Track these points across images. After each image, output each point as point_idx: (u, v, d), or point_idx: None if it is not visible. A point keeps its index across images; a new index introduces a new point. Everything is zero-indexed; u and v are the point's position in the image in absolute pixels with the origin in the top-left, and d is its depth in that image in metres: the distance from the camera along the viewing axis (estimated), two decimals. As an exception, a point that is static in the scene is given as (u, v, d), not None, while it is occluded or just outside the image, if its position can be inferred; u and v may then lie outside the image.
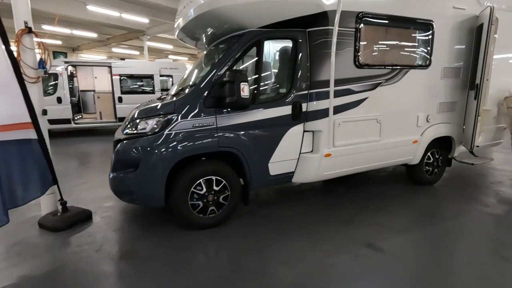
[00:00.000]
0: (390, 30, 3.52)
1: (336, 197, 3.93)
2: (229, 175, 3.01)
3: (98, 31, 13.30)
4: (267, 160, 3.17)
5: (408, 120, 3.88)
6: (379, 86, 3.53)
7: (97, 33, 13.67)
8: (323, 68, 3.17)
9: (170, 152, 2.72)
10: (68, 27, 12.13)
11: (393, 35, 3.56)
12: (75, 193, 4.12)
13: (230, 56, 2.89)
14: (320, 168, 3.38)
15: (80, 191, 4.24)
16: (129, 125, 2.96)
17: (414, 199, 3.92)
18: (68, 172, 5.20)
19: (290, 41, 3.16)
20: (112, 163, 2.94)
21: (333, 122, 3.30)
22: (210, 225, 3.02)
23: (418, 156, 4.09)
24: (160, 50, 17.78)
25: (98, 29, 12.95)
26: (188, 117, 2.77)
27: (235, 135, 2.95)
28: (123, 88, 9.59)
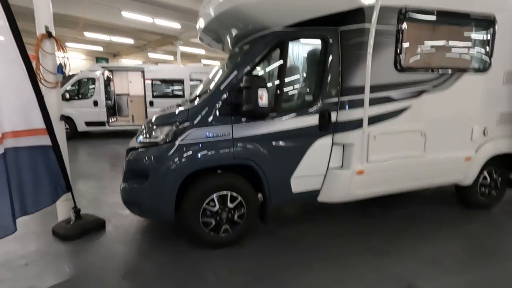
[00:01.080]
0: (439, 27, 2.99)
1: (368, 218, 3.45)
2: (245, 190, 2.70)
3: (135, 37, 13.87)
4: (289, 175, 2.82)
5: (459, 133, 3.29)
6: (424, 93, 3.01)
7: (133, 39, 14.27)
8: (357, 72, 2.76)
9: (181, 164, 2.48)
10: (107, 33, 12.79)
11: (443, 34, 3.02)
12: (97, 197, 4.10)
13: (249, 60, 2.60)
14: (351, 187, 2.94)
15: (102, 195, 4.22)
16: (142, 132, 2.80)
17: (466, 227, 3.29)
18: (96, 174, 5.28)
19: (318, 41, 2.79)
20: (123, 172, 2.79)
21: (368, 134, 2.86)
22: (223, 244, 2.73)
23: (472, 176, 3.46)
24: (193, 55, 18.15)
25: (135, 35, 13.50)
26: (202, 126, 2.52)
27: (252, 146, 2.64)
28: (155, 92, 9.79)
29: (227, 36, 3.57)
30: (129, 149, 2.78)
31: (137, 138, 2.85)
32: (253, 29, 2.91)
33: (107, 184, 4.79)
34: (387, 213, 3.60)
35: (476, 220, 3.45)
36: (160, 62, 18.17)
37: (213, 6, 2.83)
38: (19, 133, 2.45)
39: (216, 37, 3.75)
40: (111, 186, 4.67)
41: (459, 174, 3.41)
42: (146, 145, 2.66)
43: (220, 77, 3.14)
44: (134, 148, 2.74)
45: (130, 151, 2.76)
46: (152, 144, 2.62)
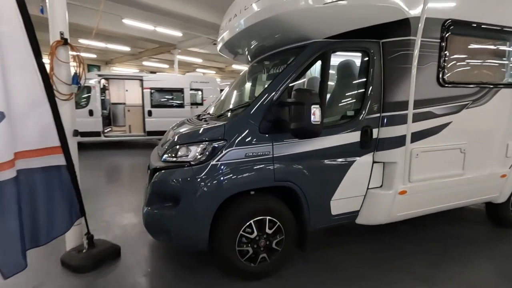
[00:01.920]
0: (480, 41, 2.89)
1: (402, 239, 3.25)
2: (284, 214, 2.46)
3: (132, 44, 13.54)
4: (329, 196, 2.60)
5: (496, 149, 3.17)
6: (464, 108, 2.88)
7: (130, 47, 13.94)
8: (400, 87, 2.60)
9: (218, 186, 2.23)
10: (104, 41, 12.43)
11: (483, 48, 2.93)
12: (103, 218, 3.75)
13: (292, 72, 2.40)
14: (393, 208, 2.75)
15: (108, 216, 3.87)
16: (168, 151, 2.52)
17: (503, 247, 3.14)
18: (96, 191, 4.89)
19: (360, 54, 2.63)
20: (147, 195, 2.50)
21: (410, 151, 2.69)
22: (259, 275, 2.46)
23: (506, 193, 3.35)
24: (188, 63, 17.92)
25: (132, 43, 13.18)
26: (241, 145, 2.28)
27: (294, 166, 2.42)
28: (153, 102, 9.45)
29: (247, 48, 3.38)
30: (154, 169, 2.50)
31: (161, 155, 2.57)
32: (285, 40, 2.72)
33: (111, 201, 4.44)
34: (419, 233, 3.42)
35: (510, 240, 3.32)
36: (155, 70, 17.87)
37: (245, 16, 2.64)
38: (32, 153, 2.14)
39: (235, 48, 3.56)
40: (116, 204, 4.34)
41: (494, 192, 3.29)
42: (176, 165, 2.39)
43: (254, 90, 2.94)
44: (160, 168, 2.46)
45: (154, 172, 2.48)
46: (183, 164, 2.35)
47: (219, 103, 3.66)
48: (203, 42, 11.57)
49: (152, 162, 2.71)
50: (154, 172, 2.47)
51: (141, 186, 5.26)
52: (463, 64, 2.85)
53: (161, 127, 9.52)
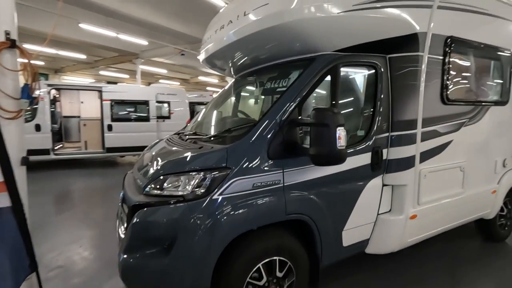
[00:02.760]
0: (477, 60, 2.91)
1: (407, 263, 3.08)
2: (296, 252, 2.10)
3: (88, 52, 12.35)
4: (342, 226, 2.31)
5: (487, 166, 3.20)
6: (463, 126, 2.85)
7: (86, 54, 12.69)
8: (408, 104, 2.45)
9: (223, 227, 1.81)
10: (55, 47, 11.13)
11: (480, 67, 2.96)
12: (57, 262, 3.02)
13: (301, 88, 2.10)
14: (404, 234, 2.55)
15: (64, 259, 3.14)
16: (152, 181, 2.03)
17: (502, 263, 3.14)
18: (44, 224, 4.04)
19: (367, 69, 2.44)
20: (125, 239, 1.97)
21: (419, 173, 2.53)
22: (270, 329, 2.05)
23: (496, 208, 3.39)
24: (151, 74, 16.97)
25: (88, 50, 12.01)
26: (248, 174, 1.90)
27: (306, 196, 2.09)
28: (114, 115, 8.56)
29: (234, 60, 3.05)
30: (135, 206, 1.98)
31: (144, 187, 2.06)
32: (288, 51, 2.44)
33: (66, 238, 3.66)
34: (420, 254, 3.28)
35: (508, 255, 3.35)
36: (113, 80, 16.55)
37: (240, 26, 2.30)
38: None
39: (224, 61, 3.20)
40: (73, 241, 3.58)
41: (487, 208, 3.30)
42: (164, 200, 1.91)
43: (254, 107, 2.59)
44: (143, 204, 1.95)
45: (135, 209, 1.96)
46: (174, 199, 1.88)
47: (203, 120, 3.24)
48: (170, 52, 10.94)
49: (130, 195, 2.18)
50: (135, 210, 1.95)
51: (103, 215, 4.51)
52: (462, 82, 2.83)
53: (123, 142, 8.65)
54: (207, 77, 18.61)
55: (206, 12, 7.87)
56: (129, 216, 1.99)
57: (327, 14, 2.04)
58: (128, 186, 2.41)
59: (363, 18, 2.12)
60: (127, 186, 2.43)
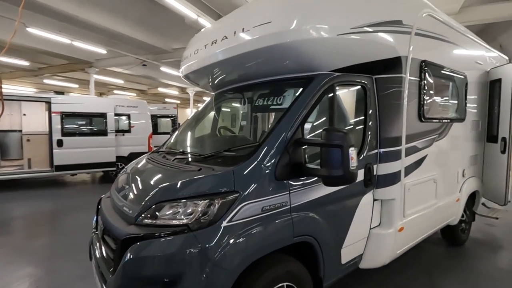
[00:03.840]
0: (441, 82, 3.22)
1: (391, 277, 3.19)
2: (301, 276, 2.03)
3: (32, 58, 11.00)
4: (341, 244, 2.31)
5: (452, 176, 3.52)
6: (434, 141, 3.11)
7: (29, 61, 11.27)
8: (394, 122, 2.60)
9: (235, 256, 1.66)
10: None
11: (443, 88, 3.28)
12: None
13: (303, 106, 2.08)
14: (395, 247, 2.65)
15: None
16: (144, 210, 1.80)
17: (476, 268, 3.47)
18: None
19: (358, 89, 2.54)
20: (115, 280, 1.69)
21: (404, 186, 2.68)
22: None
23: (459, 215, 3.73)
24: (104, 84, 15.78)
25: (32, 56, 10.70)
26: (257, 197, 1.79)
27: (311, 216, 2.05)
28: (65, 129, 7.69)
29: (211, 77, 2.98)
30: (126, 240, 1.73)
31: (136, 217, 1.82)
32: (282, 69, 2.43)
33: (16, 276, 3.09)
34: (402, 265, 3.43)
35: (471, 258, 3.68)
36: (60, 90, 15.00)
37: (239, 42, 2.24)
38: None
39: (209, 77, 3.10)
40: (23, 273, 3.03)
41: (453, 215, 3.61)
42: (164, 231, 1.70)
43: (228, 123, 2.50)
44: (136, 237, 1.71)
45: (127, 243, 1.71)
46: (175, 229, 1.69)
47: (185, 138, 3.06)
48: (130, 62, 10.28)
49: (117, 225, 1.91)
50: (126, 244, 1.71)
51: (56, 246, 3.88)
52: (433, 101, 3.10)
53: (75, 159, 7.79)
54: (167, 89, 17.96)
55: (173, 22, 7.62)
56: (119, 252, 1.73)
57: (328, 35, 2.08)
58: (108, 214, 2.12)
59: (358, 41, 2.21)
60: (107, 214, 2.13)
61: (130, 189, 2.16)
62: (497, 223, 4.99)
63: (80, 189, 7.67)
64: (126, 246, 1.70)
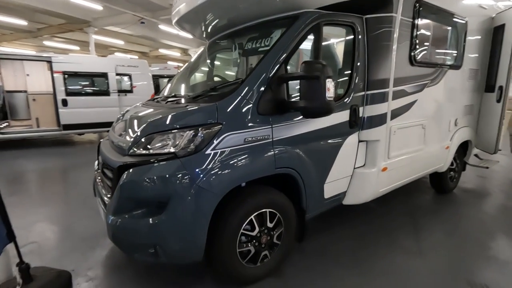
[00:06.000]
0: (437, 25, 3.13)
1: (377, 217, 3.40)
2: (284, 205, 2.22)
3: (29, 18, 10.76)
4: (324, 180, 2.47)
5: (443, 124, 3.56)
6: (426, 87, 3.11)
7: (27, 21, 11.06)
8: (382, 64, 2.60)
9: (218, 180, 1.83)
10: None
11: (439, 32, 3.19)
12: (30, 239, 2.84)
13: (287, 44, 2.11)
14: (377, 185, 2.81)
15: (36, 235, 2.96)
16: (138, 141, 1.96)
17: (458, 211, 3.64)
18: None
19: (346, 29, 2.51)
20: (113, 201, 1.91)
21: (390, 129, 2.76)
22: (262, 276, 2.19)
23: (448, 163, 3.84)
24: (105, 45, 15.52)
25: (29, 16, 10.47)
26: (239, 129, 1.92)
27: (293, 151, 2.18)
28: (69, 89, 7.81)
29: (208, 22, 2.94)
30: (121, 167, 1.91)
31: (128, 149, 1.99)
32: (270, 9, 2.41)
33: (33, 218, 3.41)
34: (386, 208, 3.64)
35: (456, 203, 3.86)
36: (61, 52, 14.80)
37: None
38: None
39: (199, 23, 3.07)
40: (41, 219, 3.36)
41: (441, 162, 3.72)
42: (153, 159, 1.86)
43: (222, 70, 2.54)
44: (129, 164, 1.89)
45: (121, 170, 1.90)
46: (164, 156, 1.85)
47: (179, 86, 3.13)
48: (127, 21, 9.99)
49: (111, 157, 2.09)
50: (121, 171, 1.89)
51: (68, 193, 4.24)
52: (427, 45, 3.05)
53: (81, 119, 8.00)
54: (169, 50, 17.57)
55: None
56: (115, 178, 1.92)
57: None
58: (107, 151, 2.30)
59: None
60: (104, 151, 2.31)
61: (125, 127, 2.31)
62: (489, 175, 5.12)
63: (87, 148, 7.97)
64: (121, 173, 1.89)
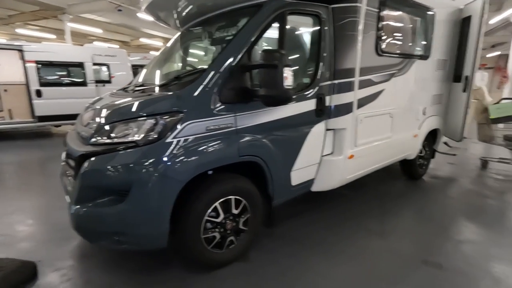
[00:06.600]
0: (404, 16, 3.20)
1: (346, 202, 3.53)
2: (250, 192, 2.28)
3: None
4: (290, 167, 2.54)
5: (411, 113, 3.69)
6: (393, 77, 3.20)
7: None
8: (348, 54, 2.66)
9: (179, 168, 1.85)
10: None
11: (407, 22, 3.27)
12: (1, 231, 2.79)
13: (251, 33, 2.12)
14: (344, 172, 2.91)
15: (6, 227, 2.91)
16: (99, 130, 1.96)
17: (425, 197, 3.81)
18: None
19: (313, 18, 2.54)
20: (74, 190, 1.91)
21: (356, 118, 2.84)
22: (229, 261, 2.26)
23: (417, 150, 3.99)
24: (83, 34, 14.94)
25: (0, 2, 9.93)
26: (201, 117, 1.93)
27: (258, 139, 2.22)
28: (43, 79, 7.53)
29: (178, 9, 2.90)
30: (82, 156, 1.90)
31: (89, 138, 1.98)
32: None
33: (4, 210, 3.35)
34: (357, 194, 3.78)
35: (424, 189, 4.04)
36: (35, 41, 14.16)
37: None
38: None
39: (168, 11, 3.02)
40: (14, 212, 3.30)
41: (410, 150, 3.87)
42: (114, 148, 1.86)
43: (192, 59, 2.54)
44: (91, 153, 1.89)
45: (82, 159, 1.89)
46: (125, 145, 1.85)
47: (148, 75, 3.09)
48: (103, 8, 9.62)
49: (75, 147, 2.07)
50: (82, 160, 1.89)
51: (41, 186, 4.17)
52: (393, 36, 3.12)
53: (57, 110, 7.75)
54: (151, 40, 17.11)
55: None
56: (77, 167, 1.91)
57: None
58: (70, 141, 2.28)
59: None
60: (69, 141, 2.29)
61: (88, 116, 2.29)
62: (457, 161, 5.37)
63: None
64: (81, 162, 1.88)
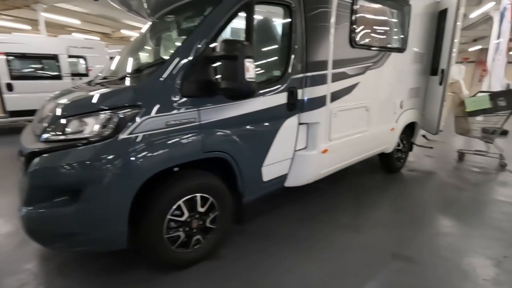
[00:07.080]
0: (380, 8, 3.15)
1: (322, 196, 3.50)
2: (217, 189, 2.20)
3: (-37, -8, 9.56)
4: (261, 163, 2.46)
5: (388, 107, 3.68)
6: (368, 70, 3.16)
7: None
8: (320, 46, 2.59)
9: (135, 166, 1.75)
10: None
11: (381, 14, 3.22)
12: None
13: (214, 23, 2.01)
14: (318, 167, 2.87)
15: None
16: (51, 126, 1.82)
17: (402, 190, 3.83)
18: None
19: (283, 9, 2.44)
20: (23, 190, 1.77)
21: (330, 111, 2.79)
22: (197, 260, 2.18)
23: (394, 144, 4.00)
24: (60, 25, 14.28)
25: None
26: (160, 112, 1.83)
27: (224, 134, 2.13)
28: (14, 72, 7.16)
29: None
30: (31, 154, 1.77)
31: (41, 134, 1.84)
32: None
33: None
34: (333, 188, 3.76)
35: (401, 182, 4.06)
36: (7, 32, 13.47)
37: None
38: None
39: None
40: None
41: (387, 144, 3.87)
42: (66, 144, 1.74)
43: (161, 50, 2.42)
44: (40, 151, 1.76)
45: (32, 156, 1.76)
46: (77, 142, 1.73)
47: (115, 66, 2.93)
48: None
49: (24, 144, 1.94)
50: (32, 158, 1.75)
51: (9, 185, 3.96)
52: (368, 28, 3.07)
53: (31, 105, 7.34)
54: (132, 31, 16.56)
55: None
56: (26, 166, 1.78)
57: None
58: (24, 138, 2.13)
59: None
60: (23, 138, 2.14)
61: (43, 111, 2.14)
62: (435, 154, 5.44)
63: (40, 135, 7.44)
64: (31, 160, 1.75)
